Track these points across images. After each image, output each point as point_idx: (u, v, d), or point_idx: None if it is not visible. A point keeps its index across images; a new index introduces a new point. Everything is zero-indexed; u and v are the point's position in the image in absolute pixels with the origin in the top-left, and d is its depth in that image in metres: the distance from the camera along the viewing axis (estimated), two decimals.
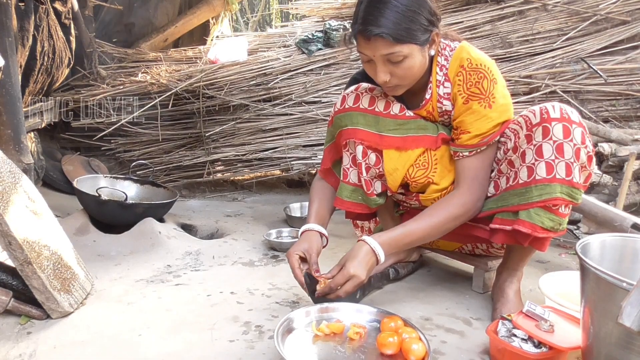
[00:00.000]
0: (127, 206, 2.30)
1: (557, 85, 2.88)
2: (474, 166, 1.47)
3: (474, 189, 1.47)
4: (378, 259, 1.41)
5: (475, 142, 1.44)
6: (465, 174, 1.48)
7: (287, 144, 3.13)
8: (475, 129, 1.43)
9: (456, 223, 1.47)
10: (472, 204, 1.47)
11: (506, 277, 1.58)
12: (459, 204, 1.46)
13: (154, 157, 3.28)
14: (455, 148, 1.48)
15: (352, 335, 1.29)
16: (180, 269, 1.97)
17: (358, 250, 1.41)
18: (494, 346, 1.30)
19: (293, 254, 1.48)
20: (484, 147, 1.45)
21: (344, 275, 1.37)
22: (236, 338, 1.41)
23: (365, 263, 1.39)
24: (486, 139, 1.44)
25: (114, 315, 1.55)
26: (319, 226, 1.57)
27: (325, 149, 1.69)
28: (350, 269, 1.37)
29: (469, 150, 1.46)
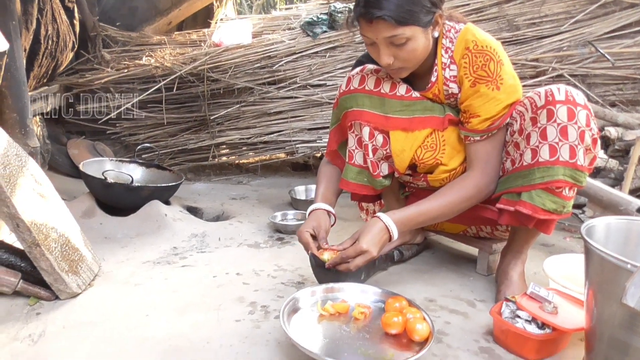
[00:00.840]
0: (133, 189, 2.31)
1: (564, 68, 2.86)
2: (485, 150, 1.47)
3: (487, 171, 1.47)
4: (391, 236, 1.42)
5: (486, 127, 1.44)
6: (478, 158, 1.48)
7: (292, 127, 3.13)
8: (484, 112, 1.42)
9: (469, 204, 1.48)
10: (486, 186, 1.47)
11: (510, 259, 1.59)
12: (472, 185, 1.46)
13: (159, 140, 3.29)
14: (466, 132, 1.48)
15: (357, 315, 1.30)
16: (187, 250, 1.99)
17: (372, 226, 1.42)
18: (498, 327, 1.31)
19: (304, 231, 1.49)
20: (495, 131, 1.45)
21: (356, 249, 1.39)
22: (242, 318, 1.43)
23: (378, 239, 1.40)
24: (497, 122, 1.43)
25: (122, 297, 1.56)
26: (326, 205, 1.58)
27: (331, 131, 1.69)
28: (364, 243, 1.38)
29: (481, 135, 1.45)
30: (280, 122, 3.16)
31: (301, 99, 3.12)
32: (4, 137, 1.60)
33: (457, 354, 1.26)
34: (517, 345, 1.25)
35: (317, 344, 1.19)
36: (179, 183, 2.51)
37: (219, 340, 1.31)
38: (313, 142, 3.10)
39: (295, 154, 3.16)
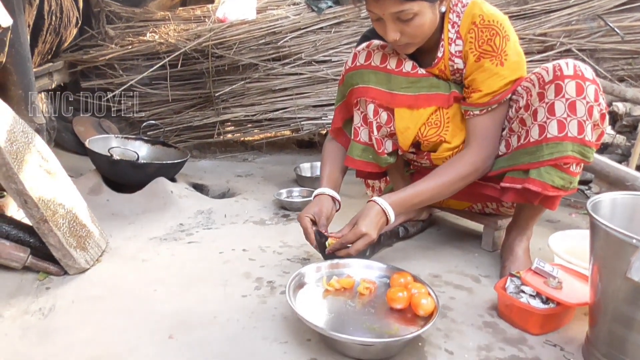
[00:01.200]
0: (139, 166, 2.32)
1: (572, 43, 2.82)
2: (484, 125, 1.46)
3: (484, 147, 1.47)
4: (388, 218, 1.42)
5: (486, 101, 1.43)
6: (476, 133, 1.47)
7: (297, 104, 3.11)
8: (486, 87, 1.41)
9: (466, 182, 1.47)
10: (482, 163, 1.47)
11: (516, 235, 1.59)
12: (469, 162, 1.46)
13: (164, 117, 3.28)
14: (466, 107, 1.47)
15: (362, 290, 1.31)
16: (193, 227, 2.00)
17: (369, 210, 1.42)
18: (502, 302, 1.32)
19: (304, 216, 1.49)
20: (494, 106, 1.44)
21: (356, 233, 1.39)
22: (249, 293, 1.44)
23: (376, 222, 1.40)
24: (497, 97, 1.42)
25: (129, 272, 1.58)
26: (331, 190, 1.57)
27: (336, 108, 1.68)
28: (362, 227, 1.39)
29: (480, 109, 1.44)
30: (285, 99, 3.15)
31: (306, 75, 3.10)
32: (10, 113, 1.61)
33: (461, 329, 1.27)
34: (521, 320, 1.26)
35: (323, 318, 1.20)
36: (184, 160, 2.51)
37: (225, 315, 1.33)
38: (318, 119, 3.09)
39: (301, 131, 3.14)
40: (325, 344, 1.18)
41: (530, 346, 1.21)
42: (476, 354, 1.17)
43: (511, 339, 1.24)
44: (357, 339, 1.11)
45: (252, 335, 1.23)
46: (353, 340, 1.10)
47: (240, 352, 1.16)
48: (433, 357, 1.16)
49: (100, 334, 1.24)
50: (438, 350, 1.18)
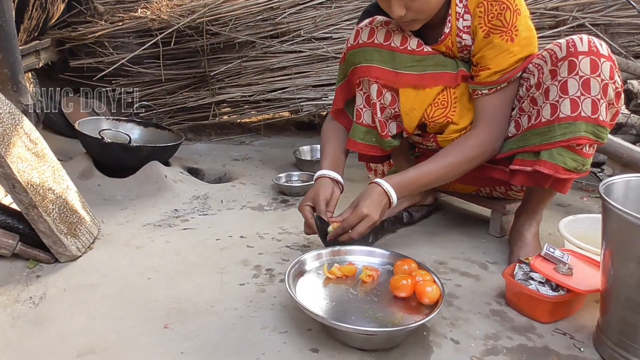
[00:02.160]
0: (132, 149, 2.31)
1: (585, 17, 2.79)
2: (493, 105, 1.45)
3: (492, 128, 1.46)
4: (391, 201, 1.42)
5: (495, 79, 1.42)
6: (484, 113, 1.46)
7: (296, 84, 3.10)
8: (495, 64, 1.40)
9: (472, 165, 1.47)
10: (490, 145, 1.46)
11: (525, 220, 1.59)
12: (476, 144, 1.45)
13: (157, 98, 3.27)
14: (473, 86, 1.46)
15: (365, 277, 1.31)
16: (188, 213, 2.01)
17: (371, 191, 1.42)
18: (510, 289, 1.33)
19: (303, 206, 1.49)
20: (504, 84, 1.43)
21: (357, 215, 1.39)
22: (246, 281, 1.45)
23: (378, 204, 1.40)
24: (507, 75, 1.41)
25: (123, 259, 1.59)
26: (332, 172, 1.54)
27: (337, 88, 1.67)
28: (364, 208, 1.38)
29: (489, 88, 1.43)
30: (284, 78, 3.13)
31: (306, 53, 3.08)
32: None
33: (467, 317, 1.28)
34: (529, 308, 1.27)
35: (324, 307, 1.21)
36: (178, 143, 2.51)
37: (222, 303, 1.33)
38: (318, 100, 3.07)
39: (300, 112, 3.13)
40: (326, 334, 1.19)
41: (539, 335, 1.22)
42: (483, 343, 1.18)
43: (519, 328, 1.24)
44: (359, 329, 1.11)
45: (251, 325, 1.24)
46: (355, 330, 1.11)
47: (238, 342, 1.17)
48: (438, 347, 1.16)
49: (93, 323, 1.25)
50: (443, 340, 1.19)
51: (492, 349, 1.16)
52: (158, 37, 3.07)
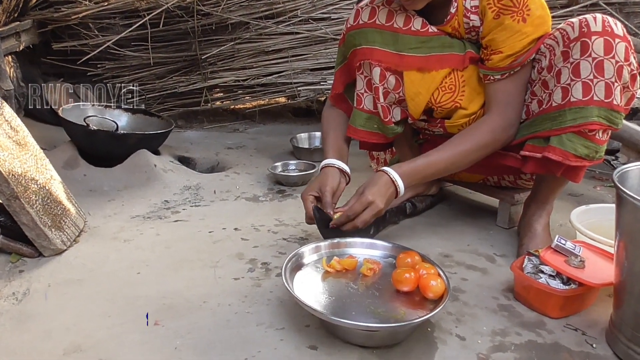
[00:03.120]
0: (119, 137, 2.31)
1: None
2: (506, 90, 1.45)
3: (506, 114, 1.46)
4: (398, 190, 1.42)
5: (508, 63, 1.41)
6: (497, 99, 1.46)
7: (293, 68, 3.09)
8: (507, 47, 1.39)
9: (484, 152, 1.47)
10: (503, 132, 1.46)
11: (534, 210, 1.59)
12: (488, 130, 1.45)
13: (146, 83, 3.26)
14: (485, 71, 1.45)
15: (366, 271, 1.32)
16: (179, 204, 2.01)
17: (377, 179, 1.42)
18: (519, 283, 1.33)
19: (307, 195, 1.49)
20: (517, 68, 1.42)
21: (362, 202, 1.39)
22: (241, 276, 1.45)
23: (384, 192, 1.41)
24: (520, 59, 1.40)
25: (110, 253, 1.59)
26: (338, 162, 1.56)
27: (336, 71, 1.66)
28: (369, 195, 1.39)
29: (501, 73, 1.43)
30: (280, 61, 3.12)
31: (303, 35, 3.06)
32: None
33: (474, 312, 1.28)
34: (539, 302, 1.27)
35: (323, 302, 1.21)
36: (168, 130, 2.50)
37: (216, 299, 1.34)
38: (316, 85, 3.07)
39: (297, 97, 3.13)
40: (325, 330, 1.19)
41: (549, 330, 1.22)
42: (490, 340, 1.18)
43: (528, 323, 1.25)
44: (360, 324, 1.11)
45: (246, 321, 1.24)
46: (356, 326, 1.11)
47: (232, 340, 1.17)
48: (443, 343, 1.17)
49: (79, 320, 1.25)
50: (449, 336, 1.19)
51: (499, 346, 1.16)
52: (146, 17, 3.05)
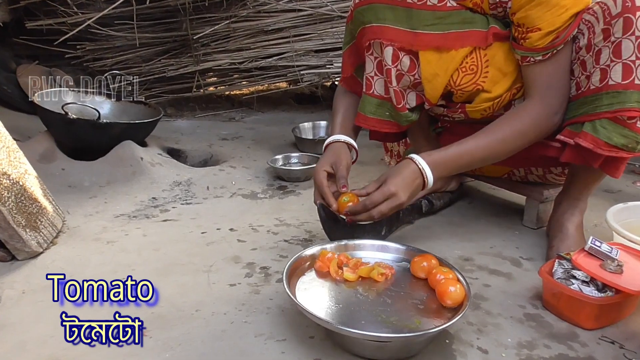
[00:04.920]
0: (101, 126, 2.31)
1: None
2: (547, 72, 1.43)
3: (548, 99, 1.44)
4: (425, 181, 1.42)
5: (549, 41, 1.39)
6: (538, 83, 1.45)
7: (296, 49, 3.09)
8: (546, 24, 1.37)
9: (525, 142, 1.47)
10: (546, 119, 1.45)
11: (566, 208, 1.59)
12: (530, 117, 1.44)
13: (131, 66, 3.26)
14: (523, 52, 1.44)
15: (377, 276, 1.31)
16: (169, 202, 2.01)
17: (402, 168, 1.42)
18: (548, 290, 1.33)
19: (320, 170, 1.50)
20: (561, 47, 1.41)
21: (384, 192, 1.39)
22: (238, 281, 1.46)
23: (409, 183, 1.41)
24: (562, 36, 1.38)
25: (92, 256, 1.60)
26: (345, 137, 1.59)
27: (344, 52, 1.66)
28: (392, 186, 1.39)
29: (543, 54, 1.41)
30: (281, 42, 3.12)
31: (306, 12, 3.06)
32: None
33: (497, 322, 1.28)
34: (571, 311, 1.27)
35: (328, 311, 1.21)
36: (156, 119, 2.51)
37: (210, 307, 1.34)
38: (322, 68, 3.07)
39: (300, 82, 3.13)
40: (331, 342, 1.20)
41: (583, 343, 1.22)
42: (516, 353, 1.18)
43: (559, 335, 1.24)
44: (370, 335, 1.11)
45: (243, 332, 1.24)
46: (366, 336, 1.11)
47: (228, 352, 1.18)
48: (463, 357, 1.17)
49: (57, 330, 1.25)
50: (469, 348, 1.19)
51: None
52: None
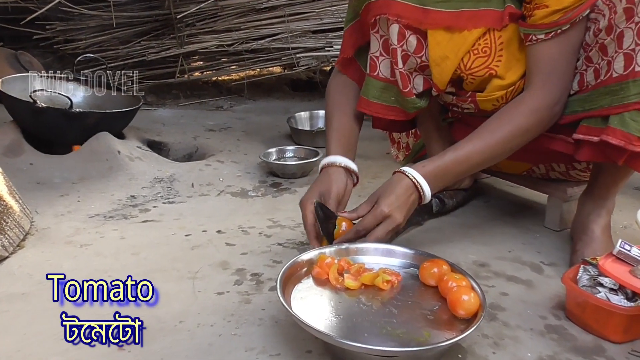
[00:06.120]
0: (74, 116, 2.31)
1: None
2: (551, 54, 1.44)
3: (550, 87, 1.45)
4: (422, 195, 1.43)
5: (555, 20, 1.40)
6: (540, 66, 1.45)
7: (291, 30, 3.09)
8: (554, 1, 1.39)
9: (527, 137, 1.47)
10: (548, 110, 1.46)
11: (592, 208, 1.59)
12: (530, 110, 1.45)
13: (107, 49, 3.26)
14: (526, 29, 1.45)
15: (381, 284, 1.31)
16: (149, 200, 2.02)
17: (395, 184, 1.42)
18: (572, 299, 1.33)
19: (309, 203, 1.50)
20: (565, 26, 1.41)
21: (376, 215, 1.40)
22: (226, 290, 1.46)
23: (404, 202, 1.41)
24: (569, 14, 1.39)
25: (64, 261, 1.60)
26: (342, 158, 1.58)
27: (346, 30, 1.67)
28: (384, 207, 1.39)
29: (546, 32, 1.42)
30: (274, 22, 3.12)
31: None
32: None
33: (516, 335, 1.28)
34: (597, 323, 1.27)
35: (328, 322, 1.21)
36: (135, 108, 2.51)
37: (195, 318, 1.34)
38: (320, 50, 3.07)
39: (296, 67, 3.13)
40: (331, 357, 1.20)
41: (610, 358, 1.22)
42: None
43: (584, 349, 1.25)
44: (374, 348, 1.11)
45: (232, 346, 1.24)
46: (370, 350, 1.11)
47: None
48: None
49: (25, 344, 1.26)
50: None
51: None
52: None
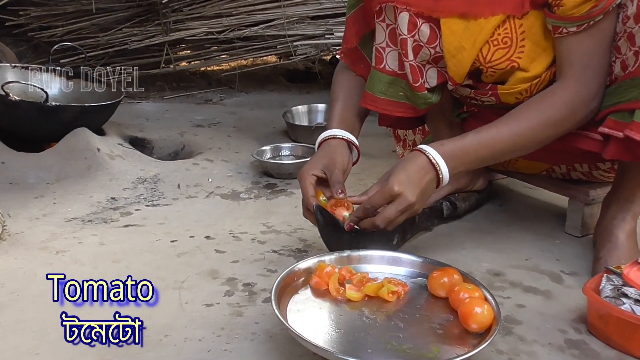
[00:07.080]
0: (49, 110, 2.31)
1: None
2: (584, 48, 1.44)
3: (585, 81, 1.44)
4: (440, 177, 1.41)
5: (586, 10, 1.39)
6: (572, 60, 1.45)
7: (287, 15, 3.09)
8: None
9: (559, 131, 1.47)
10: (583, 105, 1.45)
11: (616, 212, 1.59)
12: (564, 102, 1.44)
13: (86, 37, 3.26)
14: (555, 21, 1.44)
15: (387, 295, 1.32)
16: (131, 203, 2.02)
17: (409, 161, 1.41)
18: (594, 311, 1.33)
19: (307, 174, 1.49)
20: (598, 17, 1.41)
21: (384, 192, 1.39)
22: (215, 301, 1.46)
23: (418, 180, 1.39)
24: (602, 3, 1.39)
25: (38, 268, 1.60)
26: (344, 132, 1.57)
27: (348, 17, 1.67)
28: (395, 185, 1.37)
29: (578, 24, 1.42)
30: (269, 6, 3.12)
31: None
32: None
33: (533, 350, 1.28)
34: (621, 337, 1.27)
35: (327, 336, 1.21)
36: (116, 102, 2.51)
37: (182, 331, 1.34)
38: (319, 38, 3.07)
39: (293, 56, 3.13)
40: None
41: None
42: None
43: None
44: None
45: None
46: None
47: None
48: None
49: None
50: None
51: None
52: None
